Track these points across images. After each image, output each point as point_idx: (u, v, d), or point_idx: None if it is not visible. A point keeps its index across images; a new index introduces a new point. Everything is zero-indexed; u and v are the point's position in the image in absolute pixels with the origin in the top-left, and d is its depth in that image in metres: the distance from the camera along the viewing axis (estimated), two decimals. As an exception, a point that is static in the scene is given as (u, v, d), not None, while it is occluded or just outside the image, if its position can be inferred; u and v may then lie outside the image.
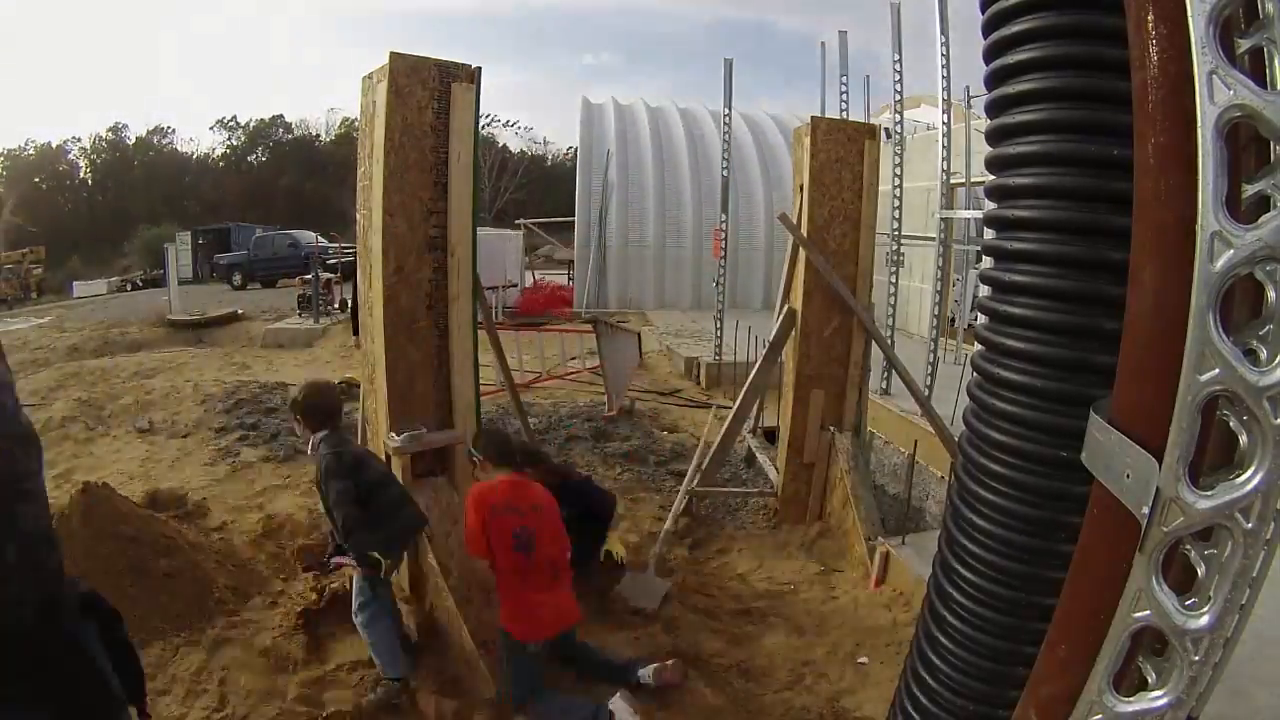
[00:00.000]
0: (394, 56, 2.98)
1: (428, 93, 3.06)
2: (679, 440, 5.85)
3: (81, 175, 38.59)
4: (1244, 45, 0.80)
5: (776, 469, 4.66)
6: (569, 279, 15.60)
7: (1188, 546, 0.88)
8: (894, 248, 6.10)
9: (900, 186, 6.24)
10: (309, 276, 13.24)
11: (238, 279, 22.13)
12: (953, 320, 8.50)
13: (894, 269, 6.03)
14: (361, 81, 3.22)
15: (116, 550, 3.21)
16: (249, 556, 3.83)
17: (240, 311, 13.63)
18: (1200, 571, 0.88)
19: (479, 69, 3.16)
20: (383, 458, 3.18)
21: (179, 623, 3.14)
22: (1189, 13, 0.80)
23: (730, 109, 8.19)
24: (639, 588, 3.57)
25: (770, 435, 5.40)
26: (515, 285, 14.36)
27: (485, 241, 14.08)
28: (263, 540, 4.03)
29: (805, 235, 4.20)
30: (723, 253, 8.35)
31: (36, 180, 36.31)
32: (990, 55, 1.60)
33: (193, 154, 40.32)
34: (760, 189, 14.19)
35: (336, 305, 13.59)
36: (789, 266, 4.51)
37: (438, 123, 3.10)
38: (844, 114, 6.81)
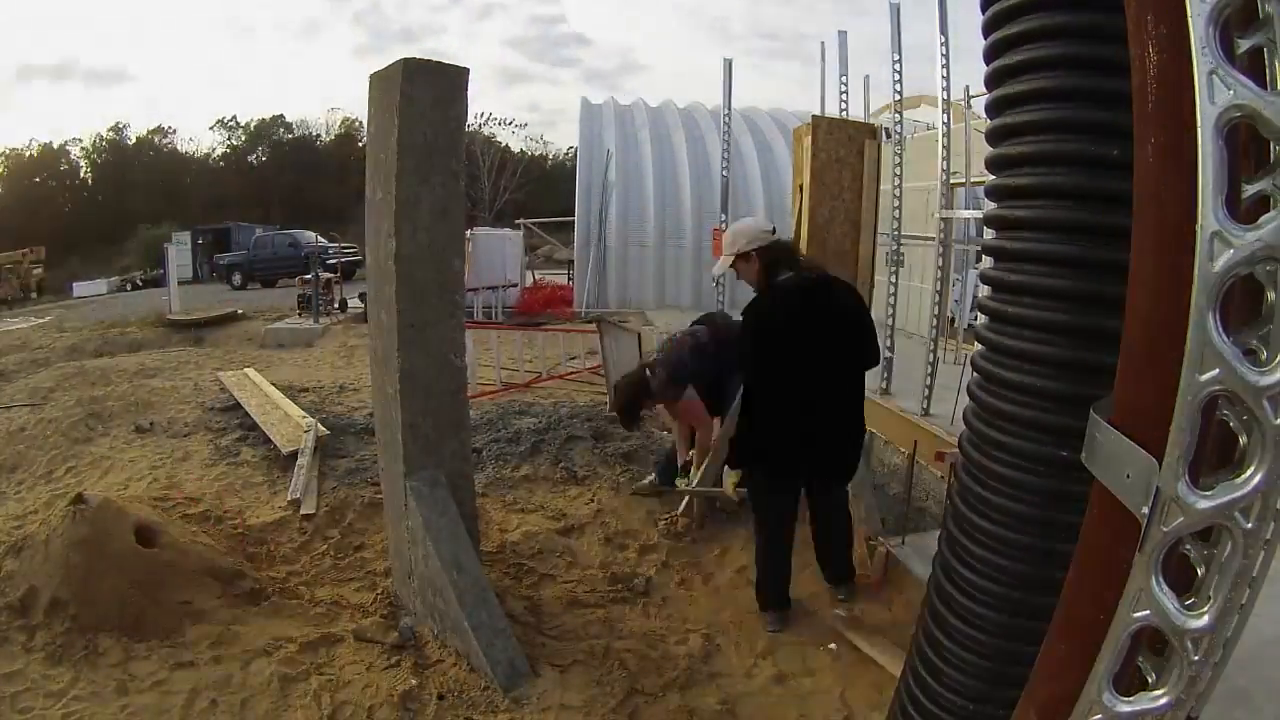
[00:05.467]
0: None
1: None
2: (679, 440, 5.84)
3: (81, 175, 38.61)
4: (1244, 45, 0.80)
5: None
6: (569, 279, 15.61)
7: (1188, 546, 0.88)
8: (894, 248, 6.09)
9: (900, 186, 6.24)
10: (309, 276, 13.26)
11: (238, 279, 22.15)
12: (953, 320, 8.49)
13: (894, 269, 6.03)
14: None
15: (117, 576, 3.21)
16: (251, 555, 3.84)
17: (240, 311, 13.63)
18: (1200, 571, 0.88)
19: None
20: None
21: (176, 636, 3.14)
22: (1189, 13, 0.80)
23: (730, 109, 8.18)
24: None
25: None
26: (515, 285, 14.39)
27: (485, 241, 14.12)
28: (263, 538, 4.04)
29: (806, 235, 4.21)
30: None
31: (37, 180, 36.30)
32: (990, 55, 1.60)
33: (193, 154, 40.34)
34: (760, 189, 14.19)
35: (336, 305, 13.60)
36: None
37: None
38: (844, 114, 6.80)
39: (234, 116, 40.55)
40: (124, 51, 65.92)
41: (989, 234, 1.84)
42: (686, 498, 4.45)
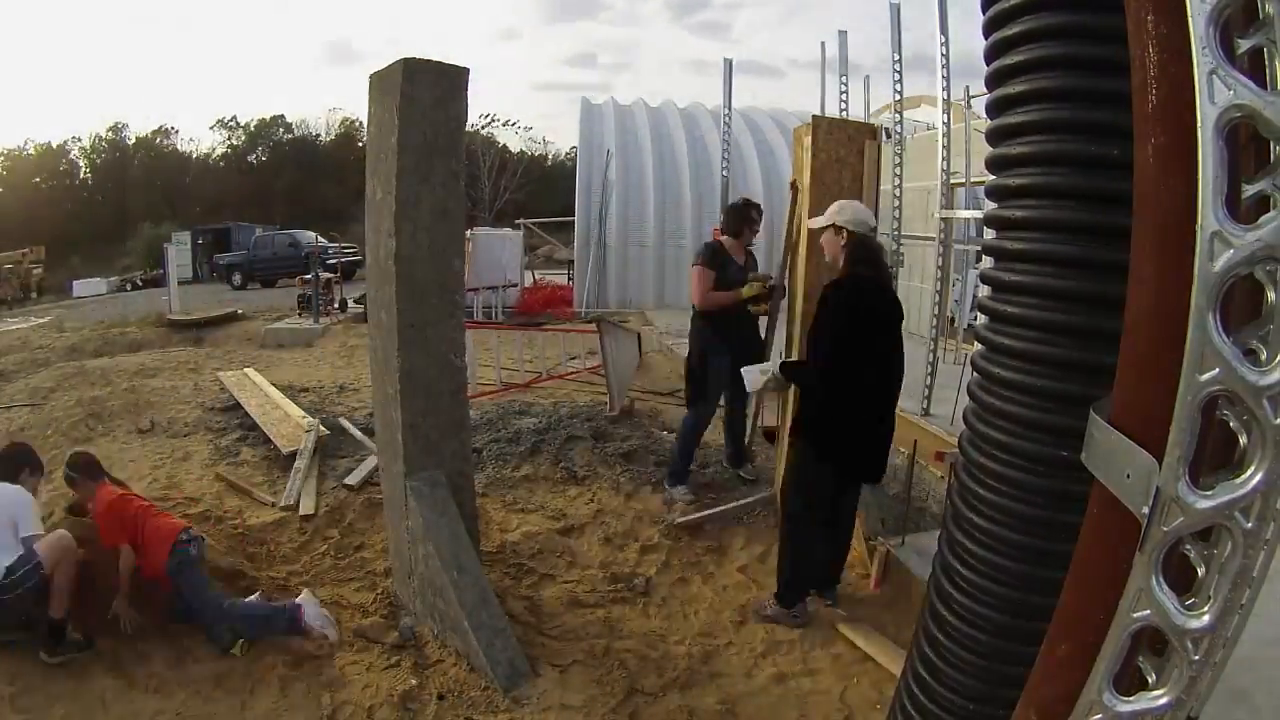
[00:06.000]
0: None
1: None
2: (679, 440, 5.84)
3: (81, 175, 38.59)
4: (1244, 45, 0.80)
5: (776, 469, 4.65)
6: (569, 279, 15.61)
7: (1188, 546, 0.88)
8: (894, 248, 6.10)
9: (900, 186, 6.25)
10: (309, 276, 13.26)
11: (238, 279, 22.14)
12: (953, 320, 8.50)
13: (894, 269, 6.03)
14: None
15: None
16: (251, 555, 3.84)
17: (240, 311, 13.62)
18: (1200, 571, 0.88)
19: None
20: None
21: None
22: (1189, 13, 0.80)
23: (730, 109, 8.19)
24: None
25: (770, 435, 5.39)
26: (515, 285, 14.38)
27: (485, 241, 14.11)
28: (263, 538, 4.04)
29: (806, 235, 4.20)
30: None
31: (36, 180, 36.28)
32: (991, 56, 1.60)
33: (193, 154, 40.32)
34: (760, 189, 14.20)
35: (336, 305, 13.60)
36: (788, 269, 4.51)
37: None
38: (844, 114, 6.80)
39: (234, 116, 40.58)
40: (124, 51, 65.70)
41: (989, 234, 1.84)
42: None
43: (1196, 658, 0.87)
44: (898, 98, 5.89)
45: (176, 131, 40.08)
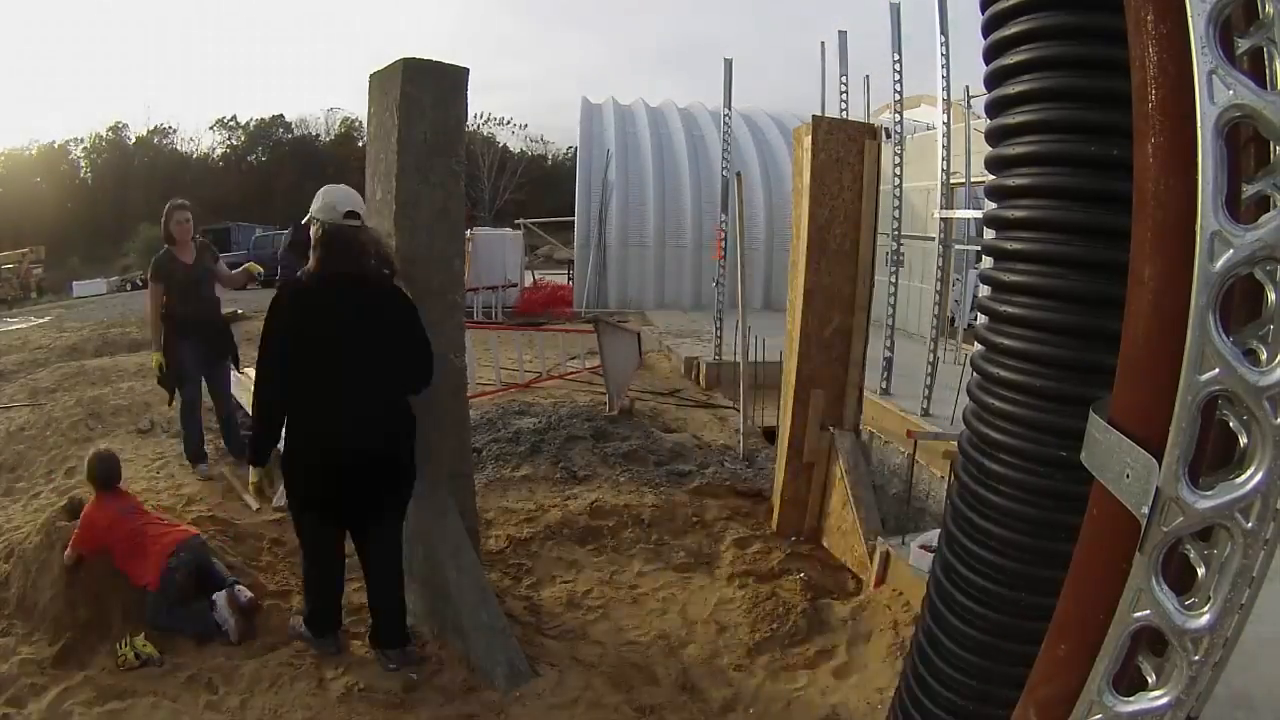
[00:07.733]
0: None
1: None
2: (679, 440, 5.85)
3: (81, 175, 38.54)
4: (1244, 45, 0.80)
5: (776, 469, 4.65)
6: (569, 279, 15.61)
7: (1188, 546, 0.88)
8: (894, 248, 6.09)
9: (900, 186, 6.24)
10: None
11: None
12: (953, 320, 8.50)
13: (894, 269, 6.03)
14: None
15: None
16: (250, 554, 3.83)
17: (240, 311, 13.59)
18: (1200, 571, 0.88)
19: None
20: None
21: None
22: (1189, 13, 0.80)
23: (730, 109, 8.19)
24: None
25: (770, 435, 5.40)
26: (515, 285, 14.38)
27: (485, 241, 14.10)
28: (263, 537, 4.04)
29: (806, 235, 4.20)
30: (723, 252, 8.35)
31: (37, 180, 36.25)
32: (990, 55, 1.60)
33: (193, 154, 40.27)
34: (760, 189, 14.19)
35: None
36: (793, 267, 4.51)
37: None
38: (844, 114, 6.80)
39: (234, 116, 40.51)
40: (123, 51, 65.67)
41: (989, 234, 1.84)
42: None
43: (1196, 658, 0.87)
44: (898, 98, 5.88)
45: (175, 131, 40.06)
